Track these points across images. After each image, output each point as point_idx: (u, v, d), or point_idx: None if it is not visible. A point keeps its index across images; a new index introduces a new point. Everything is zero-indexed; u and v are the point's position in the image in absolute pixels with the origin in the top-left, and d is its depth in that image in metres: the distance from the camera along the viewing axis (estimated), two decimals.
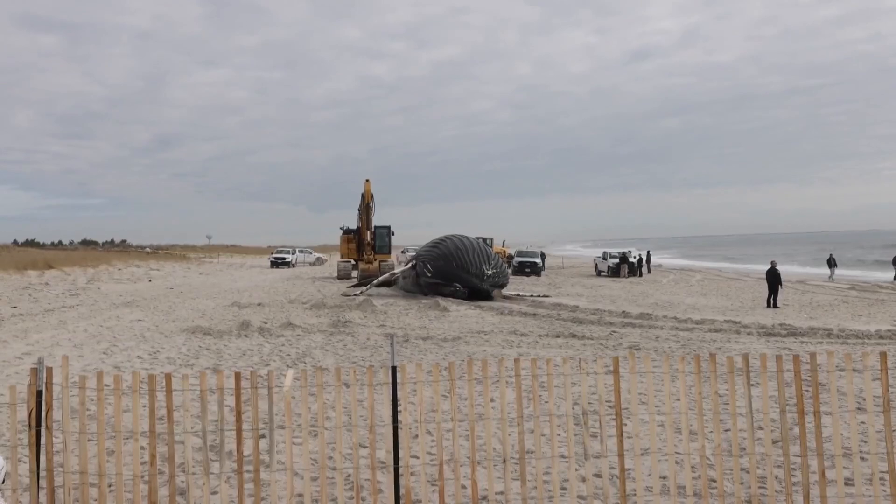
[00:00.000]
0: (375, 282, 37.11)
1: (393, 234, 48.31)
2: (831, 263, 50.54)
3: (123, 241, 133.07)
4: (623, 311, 26.26)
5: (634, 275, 54.00)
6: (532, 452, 6.40)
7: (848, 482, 6.94)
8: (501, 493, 6.51)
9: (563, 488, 6.64)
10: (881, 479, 6.17)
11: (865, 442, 8.42)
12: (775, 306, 28.55)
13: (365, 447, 7.84)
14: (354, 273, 46.47)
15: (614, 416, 6.19)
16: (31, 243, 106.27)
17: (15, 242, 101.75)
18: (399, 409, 6.06)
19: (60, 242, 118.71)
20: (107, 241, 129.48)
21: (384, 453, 6.32)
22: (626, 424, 7.35)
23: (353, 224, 48.33)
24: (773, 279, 29.33)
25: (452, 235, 34.65)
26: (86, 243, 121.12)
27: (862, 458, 7.52)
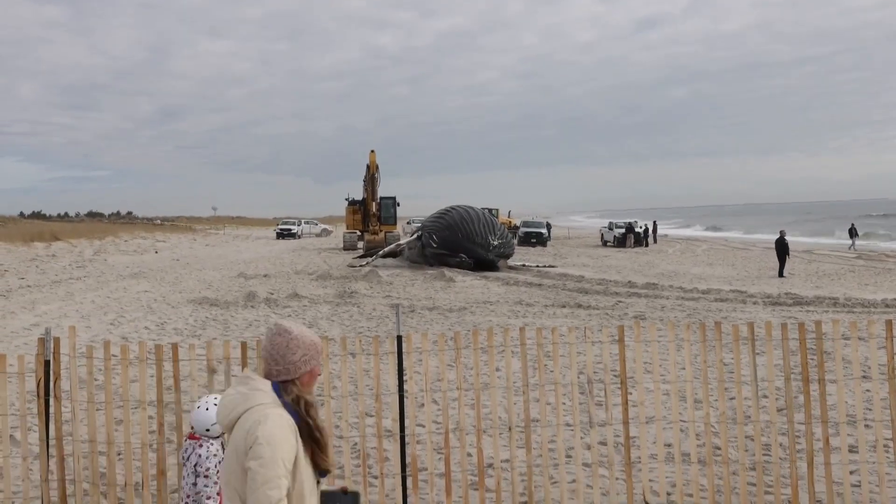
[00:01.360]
0: (381, 252, 37.13)
1: (398, 204, 48.18)
2: (852, 233, 50.09)
3: (129, 213, 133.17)
4: (629, 282, 26.25)
5: (640, 245, 53.90)
6: (537, 421, 6.44)
7: (852, 449, 6.97)
8: (507, 460, 6.56)
9: (569, 456, 6.69)
10: (885, 446, 6.20)
11: (870, 409, 8.44)
12: (781, 276, 28.51)
13: (371, 416, 7.89)
14: (360, 244, 46.46)
15: (619, 385, 6.20)
16: (37, 215, 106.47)
17: (21, 214, 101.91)
18: (405, 378, 6.09)
19: (66, 214, 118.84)
20: (113, 213, 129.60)
21: (390, 422, 6.37)
22: (631, 393, 7.38)
23: (359, 195, 48.22)
24: (782, 249, 29.25)
25: (458, 206, 34.56)
26: (92, 215, 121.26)
27: (866, 426, 7.54)
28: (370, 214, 45.75)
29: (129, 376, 5.99)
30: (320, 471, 3.05)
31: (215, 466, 4.63)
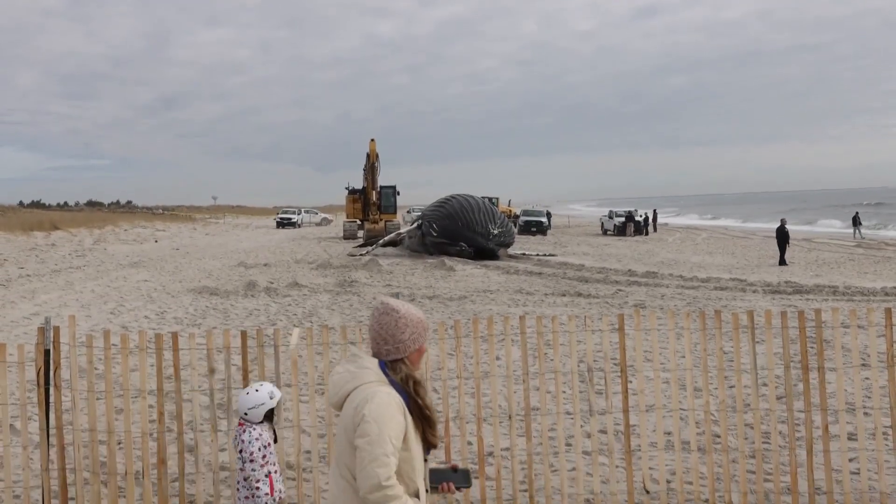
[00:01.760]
0: (381, 242, 37.12)
1: (398, 193, 48.14)
2: (856, 222, 49.90)
3: (129, 202, 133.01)
4: (629, 270, 26.25)
5: (640, 233, 53.92)
6: (537, 409, 6.44)
7: (851, 437, 6.99)
8: (507, 449, 6.57)
9: (569, 444, 6.71)
10: (884, 433, 6.21)
11: (869, 397, 8.45)
12: (783, 264, 28.52)
13: None
14: (360, 233, 46.45)
15: (619, 373, 6.21)
16: (36, 204, 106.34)
17: (20, 204, 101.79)
18: None
19: (66, 203, 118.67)
20: (112, 202, 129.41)
21: None
22: (631, 381, 7.39)
23: (359, 184, 48.17)
24: (782, 237, 29.26)
25: (458, 195, 34.53)
26: (91, 204, 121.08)
27: (865, 413, 7.56)
28: (370, 203, 45.71)
29: (129, 365, 5.99)
30: (428, 447, 3.09)
31: (259, 450, 4.76)
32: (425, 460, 3.10)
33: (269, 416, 4.95)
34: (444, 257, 30.44)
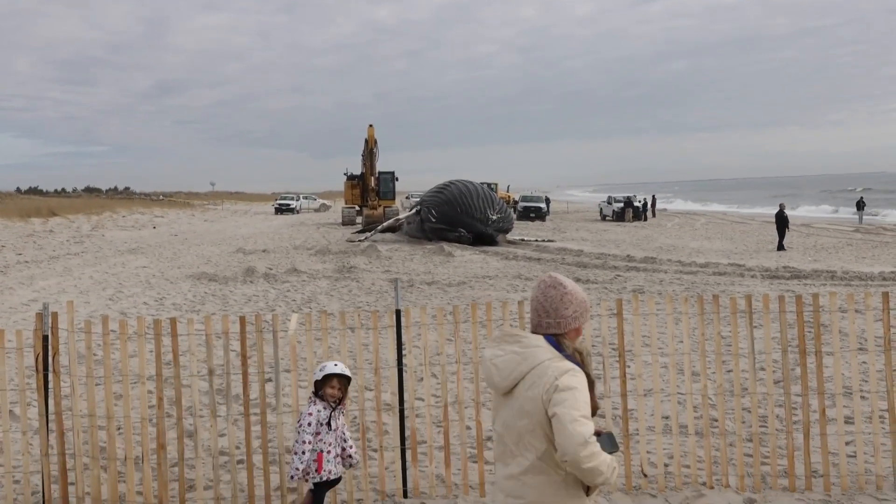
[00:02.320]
0: (380, 227, 37.10)
1: (397, 179, 48.04)
2: (860, 206, 49.72)
3: (127, 189, 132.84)
4: (627, 255, 26.26)
5: (639, 219, 53.89)
6: None
7: (848, 420, 7.02)
8: None
9: None
10: (881, 416, 6.23)
11: (866, 381, 8.48)
12: (781, 249, 28.55)
13: (370, 390, 7.93)
14: (359, 219, 46.39)
15: (618, 358, 6.22)
16: (34, 191, 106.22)
17: (18, 190, 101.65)
18: (404, 352, 6.10)
19: (64, 190, 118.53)
20: (110, 189, 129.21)
21: (389, 396, 6.39)
22: (629, 366, 7.39)
23: (358, 170, 48.08)
24: (781, 222, 29.27)
25: (457, 181, 34.48)
26: (89, 190, 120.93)
27: (862, 397, 7.58)
28: (369, 189, 45.62)
29: (127, 351, 6.00)
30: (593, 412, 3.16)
31: (309, 424, 5.22)
32: None
33: (332, 394, 5.33)
34: (442, 243, 30.43)
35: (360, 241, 33.31)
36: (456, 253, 27.30)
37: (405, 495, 6.00)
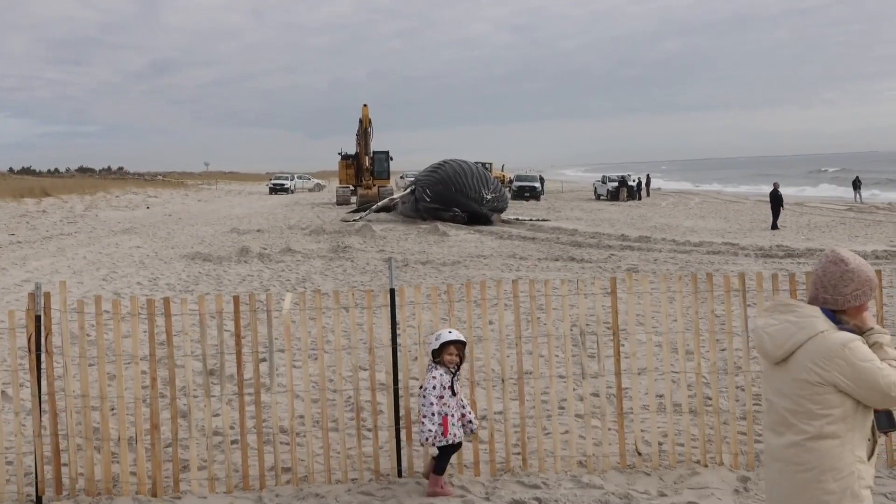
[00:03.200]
0: (374, 207, 37.01)
1: (392, 159, 47.90)
2: (857, 185, 49.62)
3: (121, 168, 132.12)
4: (622, 235, 26.28)
5: (633, 198, 53.90)
6: (530, 373, 6.46)
7: None
8: (500, 412, 6.60)
9: (561, 407, 6.74)
10: None
11: None
12: (775, 228, 28.59)
13: (365, 369, 7.92)
14: (353, 199, 46.27)
15: (612, 337, 6.22)
16: (27, 171, 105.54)
17: (11, 170, 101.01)
18: (398, 331, 6.08)
19: (57, 170, 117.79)
20: (104, 169, 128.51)
21: (384, 375, 6.38)
22: (623, 345, 7.41)
23: (352, 150, 47.88)
24: (776, 201, 29.29)
25: (451, 160, 34.39)
26: (83, 170, 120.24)
27: None
28: (363, 169, 45.48)
29: (121, 331, 5.97)
30: None
31: (432, 388, 5.46)
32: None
33: (451, 360, 5.57)
34: (437, 222, 30.39)
35: (354, 220, 33.25)
36: (450, 232, 27.28)
37: (399, 475, 6.00)
